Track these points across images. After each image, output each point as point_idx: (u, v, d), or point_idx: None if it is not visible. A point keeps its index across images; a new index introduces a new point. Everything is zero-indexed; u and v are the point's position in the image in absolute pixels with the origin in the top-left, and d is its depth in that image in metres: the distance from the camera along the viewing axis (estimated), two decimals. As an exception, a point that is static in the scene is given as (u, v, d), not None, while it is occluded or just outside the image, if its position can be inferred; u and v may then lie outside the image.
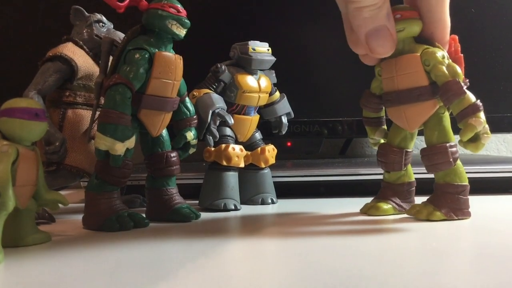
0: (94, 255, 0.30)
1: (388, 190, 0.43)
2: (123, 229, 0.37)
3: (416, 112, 0.40)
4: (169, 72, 0.39)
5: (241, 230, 0.38)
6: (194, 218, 0.41)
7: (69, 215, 0.46)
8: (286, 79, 0.54)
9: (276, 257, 0.29)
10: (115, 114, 0.36)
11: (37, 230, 0.34)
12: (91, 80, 0.44)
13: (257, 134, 0.52)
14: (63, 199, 0.35)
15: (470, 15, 0.68)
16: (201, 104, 0.46)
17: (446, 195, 0.39)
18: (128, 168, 0.39)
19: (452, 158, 0.38)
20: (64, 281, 0.24)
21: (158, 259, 0.28)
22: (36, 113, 0.31)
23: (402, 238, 0.32)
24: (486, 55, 0.68)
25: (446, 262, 0.26)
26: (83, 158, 0.43)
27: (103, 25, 0.46)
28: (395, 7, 0.40)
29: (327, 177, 0.55)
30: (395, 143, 0.42)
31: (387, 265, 0.25)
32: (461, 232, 0.35)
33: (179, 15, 0.39)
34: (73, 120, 0.43)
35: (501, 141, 0.90)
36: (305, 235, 0.34)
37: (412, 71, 0.39)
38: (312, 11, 0.68)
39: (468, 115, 0.37)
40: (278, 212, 0.46)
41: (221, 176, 0.47)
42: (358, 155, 0.85)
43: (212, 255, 0.29)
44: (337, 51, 0.68)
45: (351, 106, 0.65)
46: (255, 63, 0.48)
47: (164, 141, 0.43)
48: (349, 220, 0.40)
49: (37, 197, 0.33)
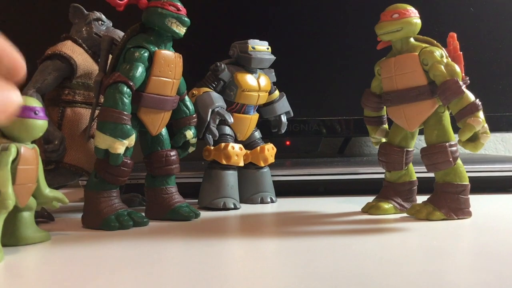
0: (93, 254, 0.29)
1: (389, 190, 0.43)
2: (123, 228, 0.37)
3: (415, 111, 0.40)
4: (168, 71, 0.39)
5: (241, 229, 0.38)
6: (193, 217, 0.41)
7: (69, 214, 0.46)
8: (285, 78, 0.54)
9: (276, 256, 0.29)
10: (114, 112, 0.36)
11: (37, 229, 0.33)
12: (90, 79, 0.44)
13: (256, 133, 0.52)
14: (63, 198, 0.35)
15: (469, 14, 0.68)
16: (201, 103, 0.46)
17: (446, 195, 0.39)
18: (128, 166, 0.39)
19: (452, 158, 0.38)
20: (63, 280, 0.24)
21: (157, 258, 0.28)
22: (36, 111, 0.31)
23: (403, 238, 0.32)
24: (485, 54, 0.68)
25: (446, 261, 0.26)
26: (82, 156, 0.43)
27: (103, 23, 0.46)
28: (393, 5, 0.40)
29: (326, 176, 0.55)
30: (396, 142, 0.42)
31: (387, 264, 0.26)
32: (461, 231, 0.35)
33: (179, 13, 0.39)
34: (72, 118, 0.43)
35: (500, 140, 0.90)
36: (304, 234, 0.34)
37: (410, 70, 0.39)
38: (311, 10, 0.68)
39: (467, 114, 0.37)
40: (277, 211, 0.46)
41: (221, 175, 0.47)
42: (356, 154, 0.86)
43: (211, 254, 0.29)
44: (336, 50, 0.69)
45: (349, 105, 0.65)
46: (255, 62, 0.48)
47: (163, 140, 0.43)
48: (348, 219, 0.40)
49: (37, 196, 0.33)
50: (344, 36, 0.68)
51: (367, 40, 0.45)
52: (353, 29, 0.67)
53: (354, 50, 0.67)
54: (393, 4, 0.40)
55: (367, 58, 0.45)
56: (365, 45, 0.47)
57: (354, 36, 0.67)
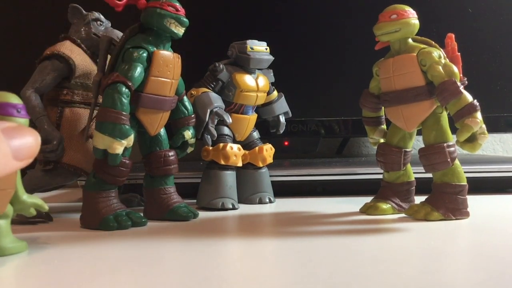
0: (91, 254, 0.29)
1: (387, 190, 0.43)
2: (121, 228, 0.37)
3: (413, 112, 0.40)
4: (167, 71, 0.39)
5: (239, 229, 0.38)
6: (192, 217, 0.41)
7: (67, 214, 0.46)
8: (284, 78, 0.54)
9: (274, 256, 0.29)
10: (113, 112, 0.36)
11: (14, 238, 0.30)
12: (89, 79, 0.44)
13: (255, 133, 0.52)
14: (42, 204, 0.31)
15: (467, 15, 0.68)
16: (199, 103, 0.46)
17: (444, 195, 0.39)
18: (126, 167, 0.38)
19: (449, 158, 0.38)
20: (61, 280, 0.24)
21: (156, 258, 0.28)
22: (18, 108, 0.28)
23: (401, 238, 0.32)
24: (483, 55, 0.68)
25: (444, 261, 0.26)
26: (81, 156, 0.43)
27: (101, 24, 0.46)
28: (391, 6, 0.40)
29: (324, 176, 0.55)
30: (394, 143, 0.42)
31: (385, 264, 0.26)
32: (459, 231, 0.35)
33: (178, 13, 0.39)
34: (70, 118, 0.43)
35: (498, 141, 0.90)
36: (302, 234, 0.34)
37: (408, 71, 0.39)
38: (310, 11, 0.68)
39: (464, 115, 0.37)
40: (275, 211, 0.46)
41: (219, 175, 0.47)
42: (355, 154, 0.86)
43: (210, 254, 0.29)
44: (335, 51, 0.69)
45: (348, 105, 0.65)
46: (253, 62, 0.48)
47: (162, 140, 0.43)
48: (346, 220, 0.40)
49: (14, 202, 0.30)
50: (342, 36, 0.68)
51: (366, 40, 0.45)
52: (351, 29, 0.67)
53: (352, 50, 0.68)
54: (392, 5, 0.40)
55: (365, 59, 0.45)
56: (364, 46, 0.47)
57: (352, 37, 0.67)
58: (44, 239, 0.34)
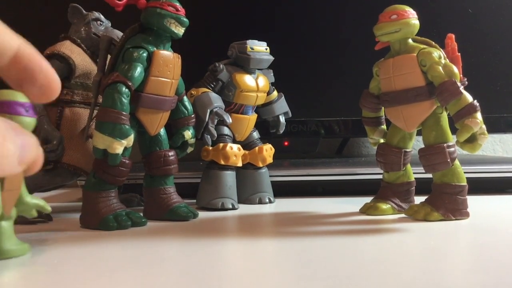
0: (91, 254, 0.29)
1: (387, 190, 0.43)
2: (121, 228, 0.37)
3: (413, 112, 0.40)
4: (167, 71, 0.39)
5: (239, 229, 0.38)
6: (192, 217, 0.41)
7: (67, 214, 0.46)
8: (284, 78, 0.54)
9: (274, 256, 0.29)
10: (113, 112, 0.36)
11: (17, 241, 0.29)
12: (89, 79, 0.44)
13: (254, 133, 0.52)
14: (45, 205, 0.31)
15: (468, 15, 0.68)
16: (199, 103, 0.46)
17: (444, 196, 0.39)
18: (126, 167, 0.38)
19: (449, 158, 0.38)
20: (61, 280, 0.24)
21: (155, 258, 0.28)
22: (26, 108, 0.27)
23: (400, 238, 0.32)
24: (483, 55, 0.68)
25: (444, 262, 0.26)
26: (81, 156, 0.43)
27: (101, 23, 0.46)
28: (392, 6, 0.40)
29: (324, 176, 0.55)
30: (394, 143, 0.42)
31: (385, 264, 0.26)
32: (459, 231, 0.35)
33: (178, 13, 0.39)
34: (70, 118, 0.43)
35: (497, 141, 0.90)
36: (302, 235, 0.34)
37: (408, 71, 0.39)
38: (310, 11, 0.68)
39: (464, 115, 0.37)
40: (275, 211, 0.46)
41: (219, 175, 0.47)
42: (354, 154, 0.86)
43: (209, 254, 0.29)
44: (335, 51, 0.69)
45: (348, 106, 0.65)
46: (253, 62, 0.48)
47: (162, 140, 0.43)
48: (346, 220, 0.40)
49: (17, 203, 0.29)
50: (342, 36, 0.68)
51: (366, 41, 0.45)
52: (351, 29, 0.67)
53: (352, 51, 0.68)
54: (392, 5, 0.40)
55: (365, 59, 0.45)
56: (364, 46, 0.47)
57: (352, 37, 0.67)
58: (43, 239, 0.34)
